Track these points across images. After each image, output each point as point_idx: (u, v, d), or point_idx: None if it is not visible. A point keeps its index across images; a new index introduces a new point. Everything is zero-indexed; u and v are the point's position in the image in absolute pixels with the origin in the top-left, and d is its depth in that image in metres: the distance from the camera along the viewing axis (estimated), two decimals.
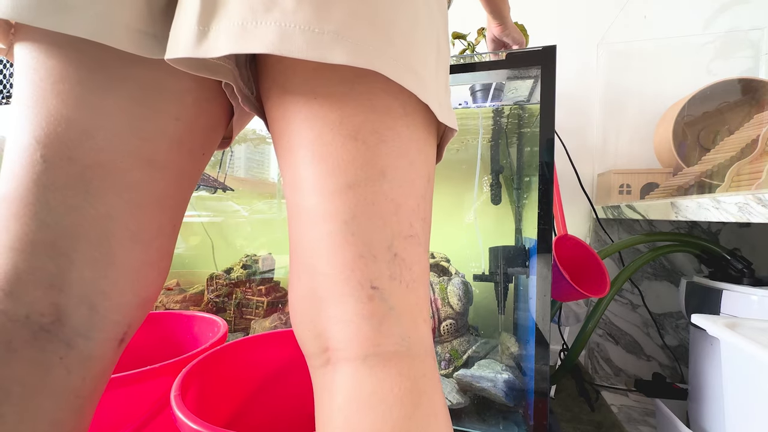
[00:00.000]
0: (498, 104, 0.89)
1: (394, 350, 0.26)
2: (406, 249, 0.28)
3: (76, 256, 0.29)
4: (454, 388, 0.76)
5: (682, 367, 1.00)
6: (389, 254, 0.27)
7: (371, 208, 0.27)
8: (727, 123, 0.90)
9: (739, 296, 0.67)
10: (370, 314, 0.26)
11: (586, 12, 1.13)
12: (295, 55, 0.24)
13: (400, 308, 0.27)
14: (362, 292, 0.26)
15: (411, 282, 0.28)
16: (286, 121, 0.29)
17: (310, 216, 0.27)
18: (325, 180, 0.27)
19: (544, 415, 0.63)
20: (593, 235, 1.09)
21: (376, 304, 0.26)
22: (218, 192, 1.17)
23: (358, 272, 0.26)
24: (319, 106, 0.27)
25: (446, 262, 0.94)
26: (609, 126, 1.11)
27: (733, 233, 0.93)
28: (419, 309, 0.28)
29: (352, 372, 0.25)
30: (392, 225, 0.27)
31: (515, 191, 0.94)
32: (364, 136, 0.27)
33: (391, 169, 0.27)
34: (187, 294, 1.09)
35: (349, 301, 0.26)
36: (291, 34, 0.24)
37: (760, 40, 0.99)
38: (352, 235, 0.26)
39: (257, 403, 0.64)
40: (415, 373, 0.26)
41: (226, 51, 0.25)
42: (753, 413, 0.50)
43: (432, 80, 0.30)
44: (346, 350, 0.26)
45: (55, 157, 0.29)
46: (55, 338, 0.29)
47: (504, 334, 0.88)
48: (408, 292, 0.27)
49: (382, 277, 0.26)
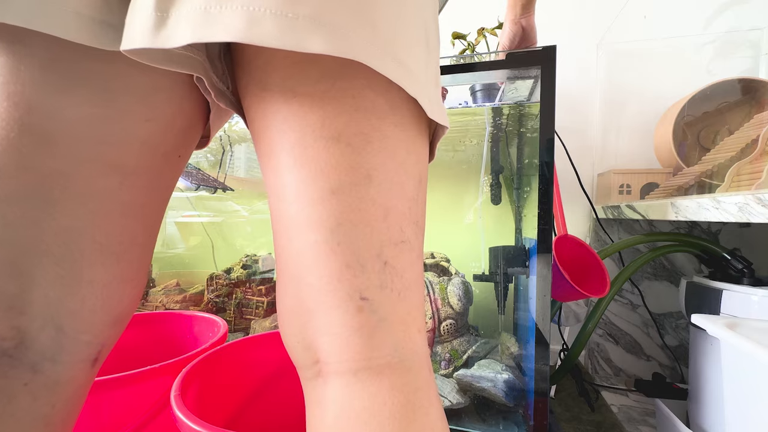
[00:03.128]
0: (498, 104, 0.89)
1: (386, 363, 0.25)
2: (396, 256, 0.26)
3: (38, 274, 0.27)
4: (454, 388, 0.76)
5: (682, 367, 1.00)
6: (379, 263, 0.25)
7: (358, 215, 0.25)
8: (727, 123, 0.90)
9: (739, 296, 0.67)
10: (360, 326, 0.25)
11: (586, 12, 1.13)
12: (266, 43, 0.21)
13: (392, 319, 0.25)
14: (351, 303, 0.25)
15: (403, 290, 0.26)
16: (265, 122, 0.27)
17: (293, 225, 0.26)
18: (307, 186, 0.25)
19: (544, 415, 0.63)
20: (593, 235, 1.09)
21: (366, 316, 0.25)
22: (218, 192, 1.17)
23: (345, 283, 0.25)
24: (299, 106, 0.25)
25: (446, 262, 0.94)
26: (609, 126, 1.11)
27: (733, 233, 0.93)
28: (412, 318, 0.27)
29: (342, 386, 0.24)
30: (381, 231, 0.26)
31: (515, 191, 0.94)
32: (348, 138, 0.25)
33: (378, 172, 0.26)
34: (187, 294, 1.09)
35: (338, 313, 0.25)
36: (260, 18, 0.21)
37: (760, 40, 0.99)
38: (338, 244, 0.25)
39: (257, 403, 0.64)
40: (409, 386, 0.25)
41: (188, 40, 0.22)
42: (753, 413, 0.50)
43: (421, 72, 0.27)
44: (337, 363, 0.25)
45: (8, 167, 0.26)
46: (18, 363, 0.27)
47: (504, 334, 0.88)
48: (400, 301, 0.26)
49: (372, 287, 0.25)
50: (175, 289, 1.14)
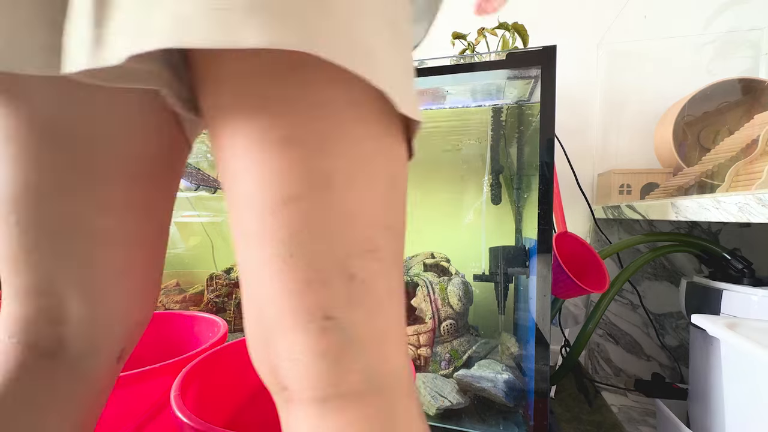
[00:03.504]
0: (498, 104, 0.89)
1: (357, 390, 0.22)
2: (365, 267, 0.23)
3: (70, 294, 0.33)
4: (454, 388, 0.76)
5: (682, 367, 1.00)
6: (344, 276, 0.22)
7: (315, 224, 0.22)
8: (728, 123, 0.90)
9: (740, 296, 0.67)
10: (325, 350, 0.22)
11: (586, 12, 1.13)
12: (196, 44, 0.19)
13: (363, 339, 0.23)
14: (313, 324, 0.22)
15: (375, 306, 0.23)
16: (215, 129, 0.25)
17: (248, 239, 0.23)
18: (259, 196, 0.22)
19: (544, 415, 0.63)
20: (593, 235, 1.09)
21: (332, 337, 0.22)
22: (218, 192, 1.17)
23: (306, 301, 0.22)
24: (245, 107, 0.23)
25: (446, 262, 0.94)
26: (609, 126, 1.11)
27: (733, 233, 0.93)
28: (388, 336, 0.24)
29: (309, 417, 0.22)
30: (345, 241, 0.23)
31: (515, 191, 0.94)
32: (302, 139, 0.22)
33: (339, 175, 0.23)
34: (187, 294, 1.09)
35: (299, 335, 0.22)
36: (189, 17, 0.19)
37: (760, 40, 0.99)
38: (291, 256, 0.22)
39: (257, 403, 0.64)
40: (385, 414, 0.22)
41: (126, 54, 0.20)
42: (753, 413, 0.50)
43: (388, 60, 0.24)
44: (301, 392, 0.22)
45: (27, 222, 0.30)
46: (60, 362, 0.32)
47: (504, 334, 0.88)
48: (371, 318, 0.23)
49: (338, 304, 0.22)
50: (175, 289, 1.14)
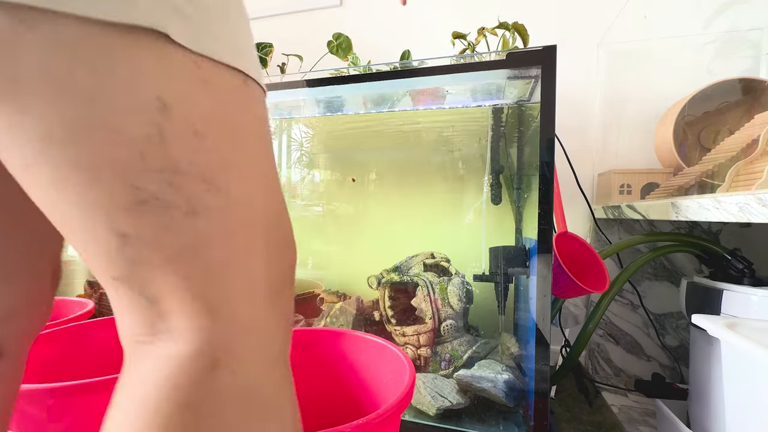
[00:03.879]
0: (498, 104, 0.89)
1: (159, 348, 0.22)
2: (139, 222, 0.20)
3: None
4: (454, 389, 0.76)
5: (682, 368, 1.00)
6: (115, 238, 0.20)
7: (58, 187, 0.20)
8: (728, 123, 0.90)
9: (740, 296, 0.67)
10: (126, 306, 0.23)
11: (586, 12, 1.13)
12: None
13: (161, 299, 0.22)
14: (109, 287, 0.22)
15: (167, 261, 0.21)
16: None
17: None
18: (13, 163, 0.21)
19: (544, 416, 0.63)
20: (593, 235, 1.09)
21: (127, 296, 0.22)
22: None
23: (92, 265, 0.22)
24: None
25: (446, 262, 0.94)
26: (609, 126, 1.11)
27: (733, 233, 0.93)
28: (213, 292, 0.22)
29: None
30: (99, 200, 0.20)
31: (515, 191, 0.94)
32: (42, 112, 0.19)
33: (65, 127, 0.19)
34: None
35: (110, 294, 0.23)
36: None
37: (760, 40, 0.99)
38: (60, 223, 0.21)
39: None
40: None
41: None
42: (753, 413, 0.50)
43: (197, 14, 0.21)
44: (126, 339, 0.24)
45: None
46: None
47: (504, 334, 0.88)
48: (165, 276, 0.21)
49: (118, 269, 0.21)
50: None
